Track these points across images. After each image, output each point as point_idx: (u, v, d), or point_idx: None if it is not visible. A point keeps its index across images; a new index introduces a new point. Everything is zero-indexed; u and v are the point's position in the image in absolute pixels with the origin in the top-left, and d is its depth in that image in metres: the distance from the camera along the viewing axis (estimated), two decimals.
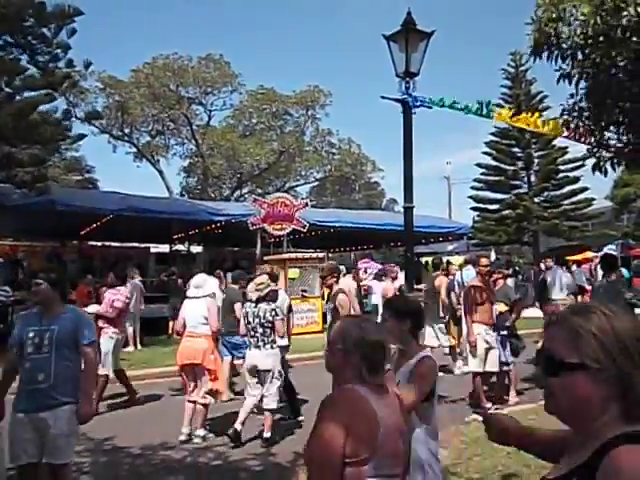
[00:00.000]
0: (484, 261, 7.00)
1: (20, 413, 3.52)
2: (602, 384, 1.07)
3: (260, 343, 5.47)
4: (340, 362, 2.03)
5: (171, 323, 8.17)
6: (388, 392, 2.04)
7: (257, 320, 5.49)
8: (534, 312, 11.71)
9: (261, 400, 5.59)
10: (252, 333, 5.52)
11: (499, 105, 20.80)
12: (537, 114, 7.02)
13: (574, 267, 13.77)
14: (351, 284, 9.05)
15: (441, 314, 8.55)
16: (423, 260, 23.78)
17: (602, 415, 1.08)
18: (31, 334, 3.57)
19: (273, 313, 5.52)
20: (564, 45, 5.34)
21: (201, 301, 5.93)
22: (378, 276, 15.81)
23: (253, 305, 5.62)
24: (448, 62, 71.89)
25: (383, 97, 5.43)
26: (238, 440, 5.36)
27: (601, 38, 4.97)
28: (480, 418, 6.10)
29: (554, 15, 5.21)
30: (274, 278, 6.42)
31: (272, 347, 5.48)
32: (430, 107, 5.58)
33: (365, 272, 20.18)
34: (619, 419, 1.07)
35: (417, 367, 2.79)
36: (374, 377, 1.99)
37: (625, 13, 4.65)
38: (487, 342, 6.67)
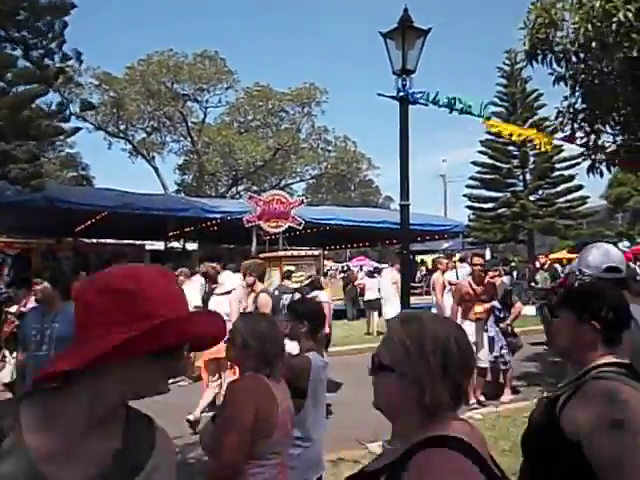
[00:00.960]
0: (477, 259, 7.01)
1: None
2: (405, 387, 1.16)
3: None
4: (240, 354, 2.34)
5: None
6: (281, 381, 2.37)
7: None
8: (529, 310, 11.77)
9: None
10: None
11: (494, 103, 20.76)
12: (532, 131, 6.95)
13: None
14: (397, 277, 9.09)
15: None
16: (419, 258, 23.88)
17: (408, 416, 1.18)
18: (33, 332, 3.66)
19: None
20: (557, 49, 5.37)
21: (224, 297, 6.23)
22: (370, 273, 16.05)
23: (290, 298, 6.00)
24: (444, 59, 71.95)
25: (379, 94, 5.41)
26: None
27: (593, 43, 5.00)
28: (476, 416, 6.12)
29: (547, 20, 5.24)
30: (212, 278, 6.37)
31: None
32: (426, 104, 5.57)
33: (361, 269, 20.27)
34: (419, 421, 1.16)
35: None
36: (270, 367, 2.29)
37: (615, 19, 4.67)
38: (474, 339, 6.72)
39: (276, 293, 7.04)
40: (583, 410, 1.51)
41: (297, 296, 6.01)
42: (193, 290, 7.68)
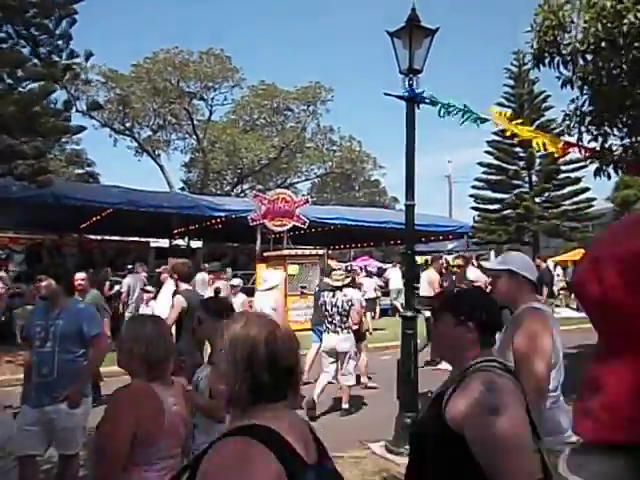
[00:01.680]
0: (458, 261, 7.00)
1: (27, 406, 3.59)
2: (218, 379, 1.37)
3: (338, 329, 6.17)
4: (125, 359, 2.32)
5: None
6: (173, 383, 2.36)
7: (335, 309, 6.18)
8: None
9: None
10: (330, 320, 6.22)
11: (501, 104, 20.63)
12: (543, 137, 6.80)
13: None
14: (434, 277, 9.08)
15: None
16: (423, 259, 23.82)
17: (223, 405, 1.38)
18: (37, 328, 3.64)
19: (350, 303, 6.21)
20: (564, 51, 5.34)
21: (269, 293, 6.87)
22: (369, 274, 16.24)
23: (331, 295, 6.27)
24: (450, 60, 71.75)
25: (386, 94, 5.39)
26: (314, 409, 6.04)
27: (603, 44, 4.97)
28: None
29: (554, 22, 5.22)
30: (182, 276, 5.94)
31: (348, 332, 6.20)
32: (434, 105, 5.54)
33: (364, 269, 20.25)
34: (232, 412, 1.35)
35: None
36: (157, 371, 2.27)
37: (625, 21, 4.64)
38: None
39: (316, 290, 7.04)
40: (464, 401, 1.63)
41: (343, 297, 6.26)
42: (167, 294, 6.77)
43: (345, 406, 6.29)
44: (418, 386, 5.01)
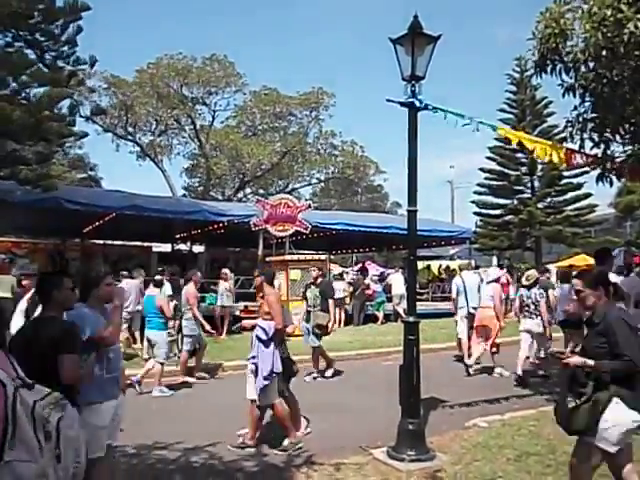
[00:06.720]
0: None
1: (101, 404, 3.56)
2: None
3: (532, 315, 8.12)
4: None
5: (170, 323, 8.27)
6: None
7: (529, 300, 8.18)
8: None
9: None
10: (526, 308, 8.22)
11: (503, 110, 20.57)
12: (545, 144, 6.72)
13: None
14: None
15: None
16: (425, 264, 23.81)
17: None
18: None
19: (540, 296, 8.12)
20: (566, 59, 5.35)
21: (491, 285, 9.06)
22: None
23: (527, 290, 8.29)
24: (453, 67, 71.85)
25: (388, 100, 5.39)
26: (522, 380, 7.82)
27: (604, 52, 4.97)
28: (481, 424, 6.05)
29: (556, 30, 5.23)
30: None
31: (539, 318, 8.05)
32: (435, 111, 5.55)
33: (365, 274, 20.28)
34: None
35: None
36: None
37: (625, 30, 4.65)
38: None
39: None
40: None
41: (536, 290, 8.13)
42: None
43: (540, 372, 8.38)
44: (420, 392, 5.01)
